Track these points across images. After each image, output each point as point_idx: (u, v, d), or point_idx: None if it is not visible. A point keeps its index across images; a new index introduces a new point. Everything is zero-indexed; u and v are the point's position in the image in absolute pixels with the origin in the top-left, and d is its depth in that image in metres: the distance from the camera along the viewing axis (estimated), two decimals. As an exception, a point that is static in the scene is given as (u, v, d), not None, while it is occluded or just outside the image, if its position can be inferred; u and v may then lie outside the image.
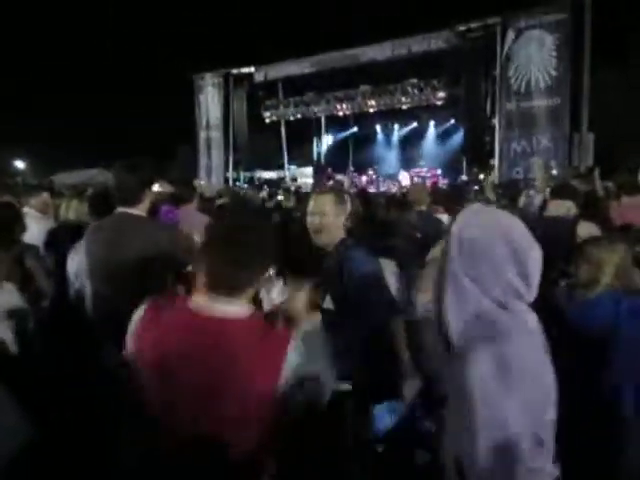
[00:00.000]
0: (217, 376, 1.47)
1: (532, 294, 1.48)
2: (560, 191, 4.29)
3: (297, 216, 5.61)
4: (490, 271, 1.45)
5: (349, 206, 2.91)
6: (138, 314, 1.64)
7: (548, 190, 5.12)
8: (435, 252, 2.97)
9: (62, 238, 3.76)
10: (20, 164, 29.39)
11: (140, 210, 2.68)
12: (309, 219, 2.83)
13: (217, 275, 1.53)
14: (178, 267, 2.42)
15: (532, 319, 1.51)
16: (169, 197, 4.48)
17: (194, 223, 3.78)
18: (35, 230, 4.18)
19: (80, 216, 4.21)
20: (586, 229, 3.32)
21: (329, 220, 2.79)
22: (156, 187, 3.16)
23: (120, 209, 2.67)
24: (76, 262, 3.24)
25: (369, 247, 2.91)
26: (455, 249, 1.50)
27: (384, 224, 4.06)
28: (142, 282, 2.41)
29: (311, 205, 2.84)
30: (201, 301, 1.54)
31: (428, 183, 19.43)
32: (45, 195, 4.64)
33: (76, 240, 3.45)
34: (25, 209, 4.56)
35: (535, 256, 1.45)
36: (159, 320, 1.58)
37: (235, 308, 1.54)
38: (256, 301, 1.82)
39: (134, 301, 1.70)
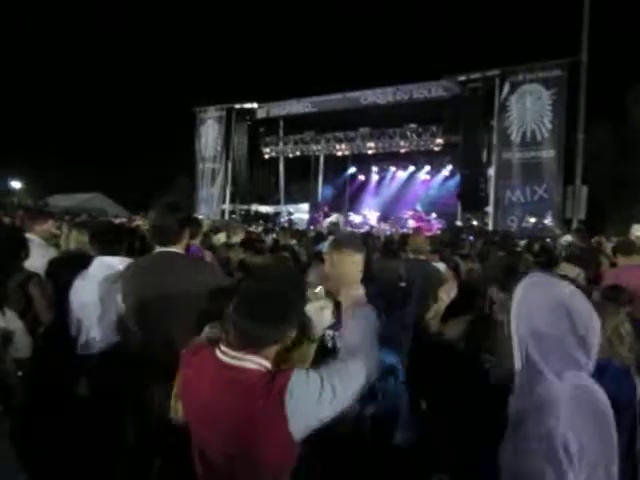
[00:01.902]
0: (234, 422, 1.58)
1: (592, 363, 1.52)
2: (575, 258, 4.34)
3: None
4: (555, 350, 1.49)
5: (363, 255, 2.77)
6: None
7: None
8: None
9: (64, 267, 3.75)
10: (16, 184, 29.37)
11: (179, 249, 2.72)
12: (335, 280, 2.60)
13: (241, 332, 1.66)
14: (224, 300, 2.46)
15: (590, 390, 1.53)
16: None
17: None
18: (38, 257, 4.18)
19: (80, 246, 4.22)
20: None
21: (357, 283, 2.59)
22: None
23: (160, 249, 2.71)
24: (87, 294, 3.24)
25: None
26: (518, 326, 1.55)
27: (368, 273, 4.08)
28: (191, 318, 2.41)
29: (339, 267, 2.63)
30: (225, 351, 1.68)
31: (413, 224, 19.66)
32: (50, 222, 4.64)
33: (79, 271, 3.46)
34: (28, 235, 4.58)
35: (595, 327, 1.50)
36: (191, 365, 1.76)
37: (250, 361, 1.65)
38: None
39: (176, 337, 1.83)
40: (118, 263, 3.30)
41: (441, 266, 5.16)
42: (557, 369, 1.48)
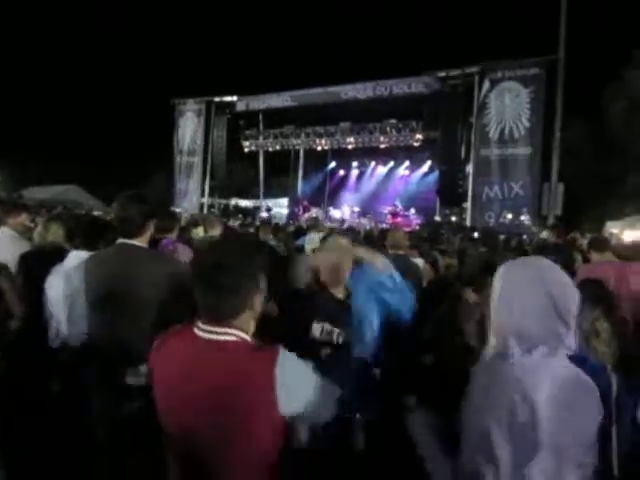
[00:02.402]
0: (214, 393, 1.54)
1: (572, 336, 1.57)
2: (544, 249, 4.42)
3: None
4: (534, 321, 1.54)
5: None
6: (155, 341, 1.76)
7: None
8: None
9: (38, 261, 3.67)
10: (-8, 177, 28.75)
11: (141, 242, 2.68)
12: (327, 271, 2.76)
13: (204, 306, 1.63)
14: (184, 300, 2.44)
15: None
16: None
17: (179, 255, 3.77)
18: (10, 250, 4.10)
19: (56, 239, 4.13)
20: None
21: (345, 273, 2.78)
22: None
23: (122, 240, 2.67)
24: (59, 288, 3.19)
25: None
26: (499, 307, 1.59)
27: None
28: (148, 314, 2.41)
29: (331, 259, 2.75)
30: (200, 327, 1.64)
31: (390, 220, 19.78)
32: (24, 215, 4.55)
33: (54, 264, 3.40)
34: (1, 228, 4.48)
35: (574, 297, 1.57)
36: (166, 344, 1.71)
37: (225, 333, 1.61)
38: None
39: (140, 331, 1.76)
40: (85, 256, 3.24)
41: (419, 261, 5.18)
42: (538, 343, 1.52)
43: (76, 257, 3.34)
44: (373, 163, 26.14)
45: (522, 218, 15.86)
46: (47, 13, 39.62)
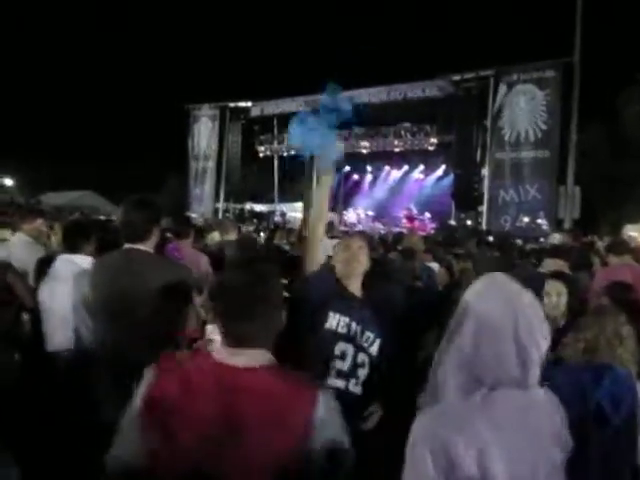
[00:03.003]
0: (236, 425, 1.43)
1: (530, 381, 1.42)
2: (555, 251, 4.39)
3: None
4: (493, 360, 1.42)
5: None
6: (151, 369, 1.58)
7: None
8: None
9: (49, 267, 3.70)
10: (8, 181, 29.11)
11: (147, 247, 2.66)
12: (341, 265, 2.76)
13: (231, 331, 1.54)
14: (188, 304, 2.42)
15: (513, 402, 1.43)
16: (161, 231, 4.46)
17: (193, 261, 3.78)
18: (25, 255, 4.13)
19: None
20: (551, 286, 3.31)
21: (359, 268, 2.77)
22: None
23: (127, 245, 2.66)
24: (61, 295, 3.21)
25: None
26: (466, 330, 1.47)
27: (385, 270, 4.06)
28: (154, 320, 2.40)
29: (346, 252, 2.77)
30: (223, 353, 1.54)
31: (406, 224, 19.69)
32: (40, 221, 4.59)
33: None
34: (17, 233, 4.52)
35: (541, 344, 1.42)
36: (180, 370, 1.55)
37: (254, 359, 1.51)
38: None
39: (145, 337, 1.69)
40: (81, 261, 3.28)
41: (434, 266, 5.15)
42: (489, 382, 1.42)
43: (62, 261, 3.39)
44: (387, 167, 26.05)
45: (539, 222, 15.71)
46: (64, 17, 40.19)
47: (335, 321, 2.59)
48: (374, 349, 2.64)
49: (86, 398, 2.68)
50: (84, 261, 3.31)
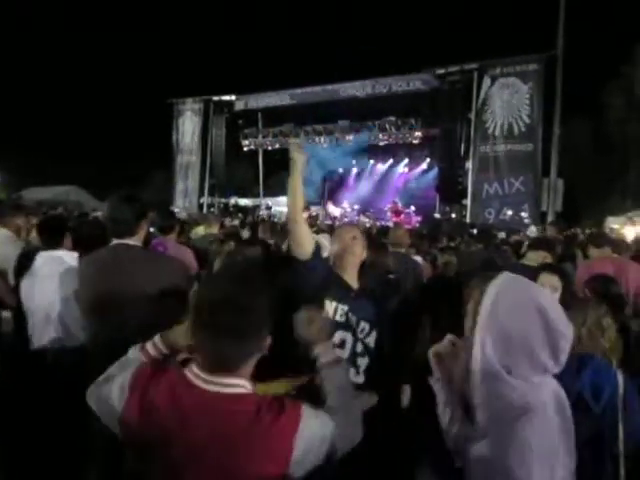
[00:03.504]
0: (209, 455, 1.36)
1: (558, 368, 1.54)
2: (538, 243, 4.44)
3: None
4: (523, 355, 1.51)
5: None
6: (133, 373, 1.50)
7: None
8: None
9: (29, 262, 3.64)
10: (-11, 177, 28.68)
11: (136, 241, 2.65)
12: (336, 255, 2.77)
13: (210, 354, 1.41)
14: (182, 299, 2.39)
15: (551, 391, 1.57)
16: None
17: (178, 256, 3.75)
18: (6, 251, 4.08)
19: None
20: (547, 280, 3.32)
21: (355, 258, 2.77)
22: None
23: (116, 241, 2.64)
24: (44, 291, 3.17)
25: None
26: (488, 330, 1.55)
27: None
28: (147, 314, 2.37)
29: (342, 240, 2.78)
30: (200, 376, 1.42)
31: (392, 217, 19.75)
32: (20, 217, 4.53)
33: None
34: None
35: (568, 335, 1.53)
36: (155, 386, 1.44)
37: (233, 385, 1.41)
38: None
39: (138, 334, 1.67)
40: (63, 256, 3.28)
41: (418, 259, 5.18)
42: (524, 373, 1.51)
43: (43, 257, 3.36)
44: (372, 161, 26.08)
45: (522, 214, 15.84)
46: (46, 14, 39.62)
47: (332, 309, 2.58)
48: (371, 340, 2.63)
49: (76, 397, 2.66)
50: (66, 256, 3.31)
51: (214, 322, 1.37)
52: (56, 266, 3.23)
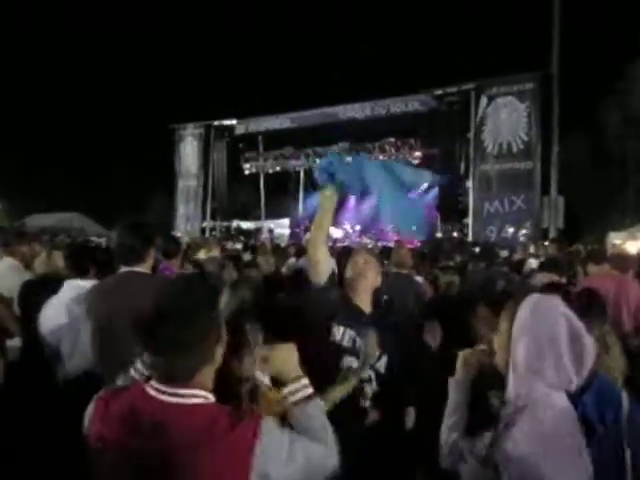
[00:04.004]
0: (169, 465, 1.34)
1: (580, 380, 1.61)
2: (549, 265, 4.47)
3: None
4: (551, 360, 1.59)
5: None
6: (91, 406, 1.52)
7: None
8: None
9: (40, 291, 3.64)
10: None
11: (144, 268, 2.67)
12: (349, 280, 2.78)
13: (159, 368, 1.42)
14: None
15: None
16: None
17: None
18: (13, 281, 4.08)
19: (61, 269, 4.10)
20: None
21: (368, 284, 2.78)
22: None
23: (124, 268, 2.66)
24: (56, 320, 3.16)
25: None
26: (522, 336, 1.63)
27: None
28: None
29: (356, 265, 2.79)
30: (155, 387, 1.43)
31: (394, 237, 19.73)
32: (26, 245, 4.56)
33: (51, 294, 3.36)
34: (4, 258, 4.48)
35: (591, 349, 1.60)
36: (112, 407, 1.46)
37: (189, 395, 1.41)
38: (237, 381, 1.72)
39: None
40: (86, 285, 3.17)
41: (419, 279, 5.18)
42: (550, 380, 1.56)
43: (70, 286, 3.31)
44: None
45: (524, 232, 15.86)
46: (49, 38, 40.23)
47: (340, 334, 2.59)
48: (381, 365, 2.62)
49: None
50: (89, 285, 3.26)
51: (156, 336, 1.37)
52: (74, 294, 3.17)
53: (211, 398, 1.44)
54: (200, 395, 1.41)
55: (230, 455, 1.34)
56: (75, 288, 3.27)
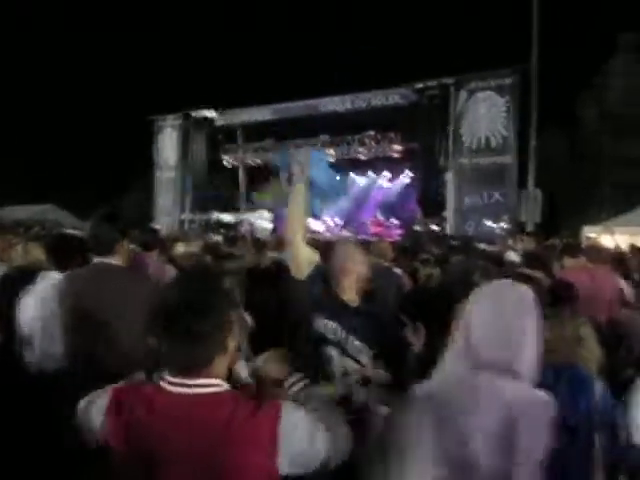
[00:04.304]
0: (194, 458, 1.36)
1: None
2: (533, 262, 4.51)
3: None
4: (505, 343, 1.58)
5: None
6: (103, 399, 1.50)
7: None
8: None
9: (17, 283, 3.56)
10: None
11: (117, 260, 2.65)
12: (334, 272, 2.77)
13: (174, 359, 1.43)
14: None
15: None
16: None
17: (159, 273, 3.74)
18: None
19: (37, 261, 4.02)
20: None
21: (357, 274, 2.77)
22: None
23: (97, 259, 2.64)
24: (33, 309, 3.11)
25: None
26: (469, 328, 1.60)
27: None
28: (125, 335, 2.36)
29: (341, 257, 2.79)
30: (171, 381, 1.44)
31: (372, 230, 19.85)
32: (4, 239, 4.47)
33: (27, 286, 3.31)
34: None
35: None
36: (130, 403, 1.45)
37: (206, 385, 1.42)
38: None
39: (114, 353, 1.66)
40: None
41: (398, 271, 5.21)
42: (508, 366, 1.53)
43: (46, 278, 3.25)
44: (353, 174, 26.19)
45: (502, 225, 16.03)
46: (25, 28, 39.44)
47: (322, 325, 2.61)
48: (363, 358, 2.63)
49: (56, 415, 2.62)
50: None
51: (173, 327, 1.39)
52: (50, 286, 3.14)
53: (226, 386, 1.46)
54: (216, 384, 1.44)
55: (255, 441, 1.36)
56: (50, 279, 3.21)
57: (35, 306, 3.11)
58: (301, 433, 1.41)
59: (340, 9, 38.86)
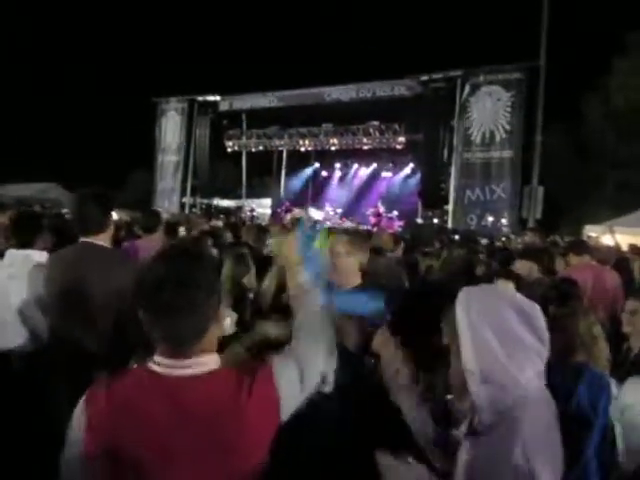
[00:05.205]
0: (207, 437, 1.33)
1: (546, 349, 1.44)
2: (526, 253, 4.50)
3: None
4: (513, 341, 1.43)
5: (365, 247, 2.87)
6: (85, 399, 1.40)
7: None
8: None
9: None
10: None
11: (103, 239, 2.60)
12: (331, 265, 2.71)
13: (165, 336, 1.37)
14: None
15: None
16: (127, 225, 4.37)
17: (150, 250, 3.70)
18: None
19: None
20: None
21: (342, 261, 2.74)
22: (114, 215, 3.03)
23: (83, 239, 2.59)
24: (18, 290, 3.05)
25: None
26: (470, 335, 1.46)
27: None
28: (110, 317, 2.34)
29: (331, 252, 2.72)
30: (163, 363, 1.37)
31: (372, 221, 19.81)
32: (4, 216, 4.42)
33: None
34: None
35: (538, 314, 1.45)
36: (119, 397, 1.37)
37: (201, 364, 1.38)
38: None
39: (101, 335, 1.62)
40: (30, 254, 3.10)
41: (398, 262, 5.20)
42: (522, 365, 1.44)
43: (11, 255, 3.19)
44: (356, 165, 26.15)
45: (503, 220, 16.01)
46: (27, 13, 39.14)
47: None
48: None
49: (40, 400, 2.58)
50: (36, 255, 3.14)
51: (161, 302, 1.32)
52: (22, 265, 3.03)
53: (219, 360, 1.43)
54: (210, 361, 1.40)
55: (262, 413, 1.39)
56: (15, 257, 3.16)
57: (17, 288, 2.99)
58: (294, 384, 1.46)
59: (350, 1, 38.60)
